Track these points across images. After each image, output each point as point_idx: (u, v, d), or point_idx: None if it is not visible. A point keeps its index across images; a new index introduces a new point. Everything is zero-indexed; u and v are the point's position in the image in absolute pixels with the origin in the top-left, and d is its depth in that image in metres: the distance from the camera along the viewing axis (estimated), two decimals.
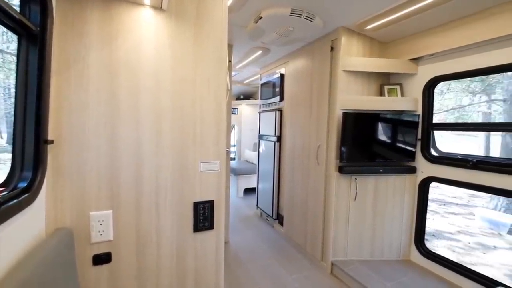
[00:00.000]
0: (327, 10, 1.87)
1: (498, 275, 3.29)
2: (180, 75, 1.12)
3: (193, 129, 1.16)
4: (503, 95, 5.69)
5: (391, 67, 2.20)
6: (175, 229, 1.16)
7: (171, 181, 1.14)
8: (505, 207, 5.24)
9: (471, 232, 4.69)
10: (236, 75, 4.20)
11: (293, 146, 2.81)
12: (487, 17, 1.66)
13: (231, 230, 3.10)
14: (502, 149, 5.67)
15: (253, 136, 5.41)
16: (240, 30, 2.27)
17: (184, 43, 1.12)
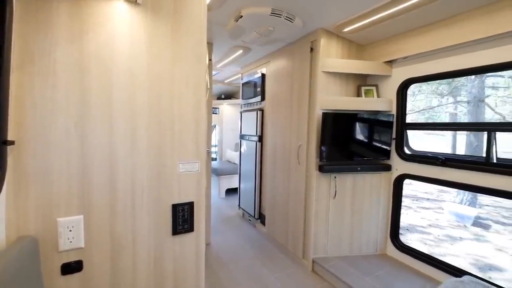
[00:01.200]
0: (307, 11, 1.90)
1: (464, 264, 3.54)
2: (157, 72, 1.08)
3: (171, 129, 1.12)
4: (467, 97, 6.13)
5: (367, 68, 2.28)
6: (152, 233, 1.11)
7: (148, 183, 1.09)
8: (470, 201, 5.66)
9: (440, 225, 5.00)
10: (217, 74, 4.15)
11: (274, 146, 2.83)
12: (454, 24, 1.77)
13: (213, 231, 3.05)
14: (466, 147, 6.11)
15: (235, 136, 5.38)
16: (220, 28, 2.24)
17: (161, 39, 1.08)
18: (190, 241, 1.22)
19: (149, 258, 1.11)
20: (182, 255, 1.20)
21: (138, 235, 1.09)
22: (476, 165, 1.80)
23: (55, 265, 0.94)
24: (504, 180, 1.65)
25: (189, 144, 1.17)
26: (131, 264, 1.08)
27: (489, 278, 3.24)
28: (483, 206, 5.79)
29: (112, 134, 1.00)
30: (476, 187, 1.80)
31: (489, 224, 4.98)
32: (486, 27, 1.61)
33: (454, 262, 3.55)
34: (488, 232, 4.67)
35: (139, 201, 1.08)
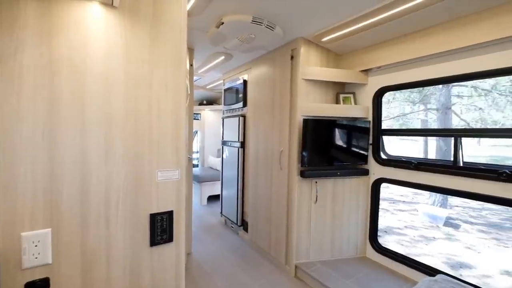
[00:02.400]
0: (287, 20, 1.95)
1: (437, 263, 3.72)
2: (134, 76, 1.04)
3: (150, 136, 1.09)
4: (436, 104, 6.57)
5: (345, 77, 2.37)
6: (128, 245, 1.06)
7: (124, 192, 1.04)
8: (441, 202, 6.00)
9: (415, 226, 5.25)
10: (198, 80, 4.11)
11: (256, 152, 2.83)
12: (422, 37, 1.90)
13: (194, 240, 2.97)
14: (436, 152, 6.51)
15: (217, 142, 5.32)
16: (201, 34, 2.23)
17: (138, 42, 1.05)
18: (169, 252, 1.17)
19: (124, 271, 1.06)
20: (161, 267, 1.15)
21: (113, 248, 1.03)
22: (445, 168, 1.92)
23: (18, 285, 0.86)
24: (469, 182, 1.77)
25: (168, 151, 1.14)
26: (105, 279, 1.01)
27: (460, 275, 3.43)
28: (453, 207, 6.17)
29: (84, 141, 0.95)
30: (445, 189, 1.92)
31: (458, 224, 5.29)
32: (450, 41, 1.75)
33: (428, 261, 3.72)
34: (458, 232, 4.96)
35: (114, 212, 1.02)
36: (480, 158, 6.92)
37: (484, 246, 4.36)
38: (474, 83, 5.93)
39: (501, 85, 5.82)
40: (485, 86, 5.96)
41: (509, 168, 1.63)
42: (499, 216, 5.69)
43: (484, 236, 4.74)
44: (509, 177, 1.59)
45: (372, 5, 1.67)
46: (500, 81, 5.72)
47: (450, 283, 1.40)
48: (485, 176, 1.70)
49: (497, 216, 5.70)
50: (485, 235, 4.79)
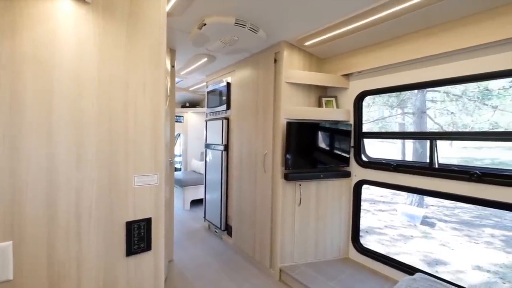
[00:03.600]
0: (270, 24, 1.96)
1: (415, 261, 3.87)
2: (109, 77, 0.99)
3: (126, 139, 1.03)
4: (412, 109, 6.89)
5: (327, 81, 2.41)
6: (102, 256, 0.99)
7: (96, 200, 0.97)
8: (418, 202, 6.27)
9: (395, 226, 5.43)
10: (181, 82, 4.02)
11: (240, 155, 2.80)
12: (398, 44, 1.97)
13: (176, 246, 2.88)
14: (413, 154, 6.81)
15: (200, 145, 5.23)
16: (183, 35, 2.18)
17: (114, 41, 1.00)
18: (147, 261, 1.11)
19: (98, 285, 0.99)
20: (138, 277, 1.09)
21: (85, 260, 0.96)
22: (421, 170, 2.00)
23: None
24: (444, 183, 1.85)
25: (146, 155, 1.09)
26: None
27: (436, 272, 3.58)
28: (429, 206, 6.46)
29: (51, 145, 0.88)
30: (422, 190, 1.99)
31: (434, 222, 5.55)
32: (425, 48, 1.83)
33: (407, 260, 3.85)
34: (433, 230, 5.19)
35: (86, 221, 0.95)
36: (453, 159, 7.32)
37: (457, 243, 4.59)
38: (446, 88, 6.29)
39: (470, 91, 6.22)
40: (456, 91, 6.34)
41: (479, 169, 1.72)
42: (470, 214, 6.04)
43: (457, 234, 5.00)
44: (479, 178, 1.67)
45: (352, 11, 1.72)
46: (468, 87, 6.11)
47: (428, 281, 1.44)
48: (458, 177, 1.78)
49: (468, 214, 6.04)
50: (458, 233, 5.05)
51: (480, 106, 6.27)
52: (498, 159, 8.10)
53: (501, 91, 5.80)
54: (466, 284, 3.28)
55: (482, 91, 6.07)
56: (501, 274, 3.55)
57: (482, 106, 6.24)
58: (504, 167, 7.40)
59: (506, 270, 3.65)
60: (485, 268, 3.71)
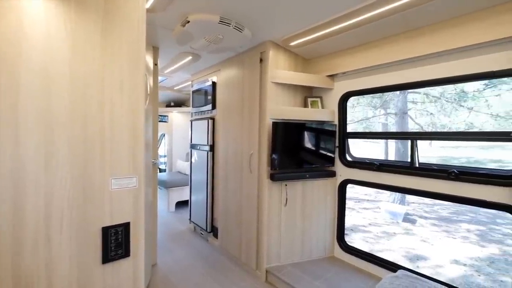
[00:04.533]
0: (255, 23, 1.94)
1: (398, 257, 3.99)
2: (82, 74, 0.93)
3: (101, 140, 0.97)
4: (394, 109, 7.11)
5: (312, 81, 2.43)
6: (75, 264, 0.93)
7: (70, 205, 0.91)
8: (400, 200, 6.47)
9: (378, 223, 5.58)
10: (165, 81, 3.92)
11: (226, 155, 2.77)
12: (383, 45, 2.01)
13: (160, 250, 2.80)
14: (396, 153, 7.03)
15: (186, 146, 5.13)
16: (167, 32, 2.12)
17: (88, 37, 0.94)
18: (126, 268, 1.06)
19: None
20: (116, 285, 1.03)
21: (56, 268, 0.89)
22: (403, 169, 2.05)
23: None
24: (424, 181, 1.91)
25: (124, 156, 1.04)
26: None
27: (417, 267, 3.71)
28: (410, 204, 6.69)
29: (18, 147, 0.81)
30: (404, 189, 2.04)
31: (415, 219, 5.75)
32: (406, 50, 1.87)
33: (390, 256, 3.95)
34: (414, 226, 5.38)
35: (57, 228, 0.89)
36: (432, 158, 7.63)
37: (436, 238, 4.78)
38: (426, 90, 6.55)
39: (447, 93, 6.50)
40: (435, 93, 6.61)
41: (456, 168, 1.79)
42: (448, 210, 6.32)
43: (436, 229, 5.21)
44: (456, 176, 1.74)
45: (337, 12, 1.73)
46: (446, 89, 6.39)
47: (409, 278, 1.47)
48: (437, 175, 1.84)
49: (447, 210, 6.32)
50: (437, 228, 5.26)
51: (457, 107, 6.57)
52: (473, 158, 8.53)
53: (475, 93, 6.11)
54: (444, 278, 3.41)
55: (459, 93, 6.37)
56: (476, 267, 3.73)
57: (458, 108, 6.54)
58: (478, 165, 7.80)
59: (481, 263, 3.84)
60: (462, 262, 3.88)
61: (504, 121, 5.73)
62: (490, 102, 5.98)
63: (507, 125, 5.63)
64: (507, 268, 3.70)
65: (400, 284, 1.41)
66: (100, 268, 0.99)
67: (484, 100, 6.06)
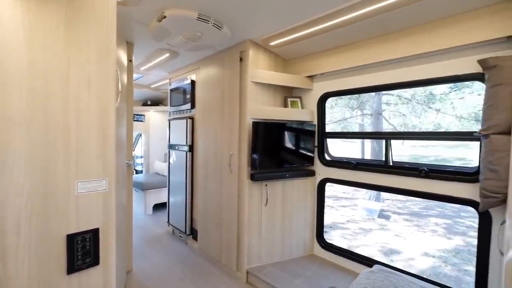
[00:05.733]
0: (234, 21, 1.91)
1: (374, 252, 4.15)
2: (42, 68, 0.85)
3: (65, 140, 0.90)
4: (370, 110, 7.41)
5: (292, 81, 2.45)
6: (34, 278, 0.85)
7: (27, 213, 0.83)
8: (375, 197, 6.75)
9: (356, 220, 5.78)
10: (141, 78, 3.76)
11: (206, 156, 2.71)
12: (357, 48, 2.07)
13: (136, 255, 2.67)
14: (371, 152, 7.33)
15: (164, 146, 4.96)
16: (142, 27, 2.02)
17: (49, 28, 0.86)
18: (95, 277, 0.99)
19: None
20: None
21: (12, 285, 0.81)
22: (378, 167, 2.13)
23: None
24: (397, 179, 1.99)
25: (93, 158, 0.96)
26: None
27: (391, 261, 3.89)
28: (384, 200, 7.02)
29: None
30: (379, 187, 2.12)
31: (389, 215, 6.04)
32: (382, 53, 1.95)
33: (367, 251, 4.10)
34: (389, 222, 5.65)
35: (12, 238, 0.80)
36: (404, 157, 8.05)
37: (408, 233, 5.05)
38: (399, 92, 6.90)
39: (418, 95, 6.90)
40: (407, 95, 6.99)
41: (426, 166, 1.89)
42: (419, 206, 6.71)
43: (408, 224, 5.51)
44: (426, 174, 1.83)
45: (317, 13, 1.75)
46: (417, 92, 6.78)
47: (384, 273, 1.53)
48: (409, 173, 1.93)
49: (417, 206, 6.71)
50: (409, 223, 5.56)
51: (426, 109, 7.00)
52: (441, 156, 9.14)
53: (442, 96, 6.55)
54: (416, 270, 3.61)
55: (428, 96, 6.79)
56: (444, 258, 3.99)
57: (427, 109, 6.97)
58: (445, 163, 8.37)
59: (447, 255, 4.11)
60: (431, 254, 4.13)
61: (467, 122, 6.19)
62: (455, 105, 6.44)
63: (469, 125, 6.10)
64: (470, 258, 4.00)
65: (376, 279, 1.46)
66: (65, 279, 0.91)
67: (450, 103, 6.51)
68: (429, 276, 3.41)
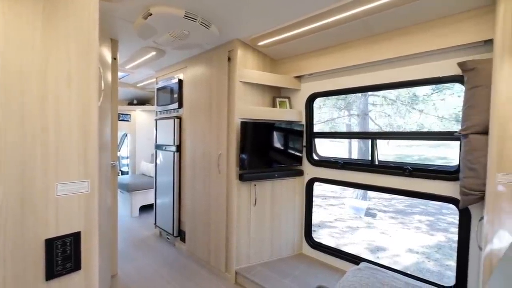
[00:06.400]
0: (222, 20, 1.89)
1: (361, 250, 4.24)
2: (18, 64, 0.81)
3: (44, 140, 0.86)
4: (357, 111, 7.57)
5: (280, 82, 2.46)
6: (10, 284, 0.81)
7: (1, 217, 0.79)
8: (362, 195, 6.90)
9: (343, 218, 5.88)
10: (126, 77, 3.67)
11: (194, 156, 2.67)
12: (347, 48, 2.10)
13: (122, 258, 2.60)
14: (358, 152, 7.48)
15: (151, 146, 4.86)
16: (127, 25, 1.97)
17: (25, 23, 0.82)
18: (76, 283, 0.95)
19: None
20: None
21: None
22: (364, 167, 2.17)
23: None
24: (383, 178, 2.04)
25: (73, 159, 0.93)
26: None
27: (377, 257, 3.98)
28: (371, 199, 7.18)
29: None
30: (365, 185, 2.17)
31: (375, 213, 6.19)
32: (368, 55, 1.99)
33: (354, 249, 4.18)
34: (375, 220, 5.79)
35: None
36: (389, 156, 8.27)
37: (393, 230, 5.19)
38: (384, 93, 7.08)
39: (402, 96, 7.11)
40: (392, 96, 7.19)
41: (410, 165, 1.94)
42: (403, 204, 6.91)
43: (394, 222, 5.66)
44: (410, 173, 1.89)
45: (304, 14, 1.77)
46: (401, 93, 6.99)
47: (371, 270, 1.56)
48: (394, 172, 1.98)
49: (402, 204, 6.91)
50: (394, 221, 5.72)
51: (410, 109, 7.22)
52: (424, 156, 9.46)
53: (425, 97, 6.78)
54: (400, 266, 3.71)
55: (411, 97, 7.00)
56: (427, 254, 4.13)
57: (411, 110, 7.20)
58: (428, 162, 8.67)
59: (430, 250, 4.26)
60: (415, 250, 4.26)
61: (448, 122, 6.44)
62: (437, 106, 6.68)
63: (450, 125, 6.34)
64: (451, 253, 4.16)
65: (362, 276, 1.49)
66: (43, 285, 0.87)
67: (432, 104, 6.75)
68: (413, 272, 3.52)
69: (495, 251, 1.29)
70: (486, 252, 1.34)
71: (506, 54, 1.29)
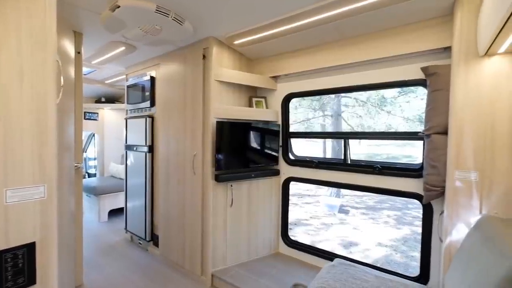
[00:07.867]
0: (197, 16, 1.84)
1: (335, 246, 4.39)
2: None
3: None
4: (331, 112, 7.84)
5: (256, 81, 2.45)
6: None
7: None
8: (336, 193, 7.16)
9: (318, 216, 6.06)
10: (93, 73, 3.43)
11: (167, 157, 2.57)
12: (321, 50, 2.16)
13: (87, 267, 2.42)
14: (332, 151, 7.76)
15: (120, 146, 4.60)
16: (94, 16, 1.83)
17: None
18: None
19: None
20: None
21: None
22: (337, 166, 2.25)
23: None
24: (355, 176, 2.13)
25: (26, 163, 0.83)
26: None
27: (350, 252, 4.16)
28: (344, 196, 7.48)
29: None
30: (338, 184, 2.24)
31: (348, 210, 6.46)
32: (340, 57, 2.05)
33: (329, 246, 4.32)
34: (348, 216, 6.04)
35: None
36: (361, 155, 8.67)
37: (364, 225, 5.46)
38: (356, 95, 7.42)
39: (372, 98, 7.50)
40: (363, 98, 7.55)
41: (379, 163, 2.04)
42: (374, 200, 7.29)
43: (365, 217, 5.95)
44: (380, 171, 1.99)
45: (280, 14, 1.78)
46: (371, 95, 7.37)
47: (344, 265, 1.61)
48: (365, 170, 2.07)
49: (372, 200, 7.29)
50: (365, 217, 6.01)
51: (379, 111, 7.64)
52: (392, 154, 10.06)
53: (392, 99, 7.22)
54: (371, 259, 3.91)
55: (380, 99, 7.42)
56: (394, 247, 4.39)
57: (380, 111, 7.62)
58: (395, 161, 9.24)
59: (397, 243, 4.54)
60: (384, 243, 4.52)
61: (413, 123, 6.91)
62: (402, 107, 7.15)
63: (414, 126, 6.82)
64: (415, 245, 4.47)
65: (336, 272, 1.53)
66: None
67: (398, 106, 7.20)
68: (382, 264, 3.72)
69: (454, 242, 1.40)
70: (446, 243, 1.44)
71: (462, 61, 1.40)
